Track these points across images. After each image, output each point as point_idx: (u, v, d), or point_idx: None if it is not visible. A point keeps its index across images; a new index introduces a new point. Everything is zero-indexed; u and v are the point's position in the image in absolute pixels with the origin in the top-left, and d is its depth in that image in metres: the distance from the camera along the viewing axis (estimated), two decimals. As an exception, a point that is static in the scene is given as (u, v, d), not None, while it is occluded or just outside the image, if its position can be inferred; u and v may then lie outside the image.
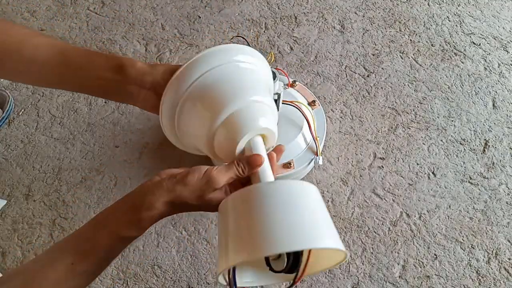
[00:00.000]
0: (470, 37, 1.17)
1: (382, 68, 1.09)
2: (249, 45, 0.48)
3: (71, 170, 0.93)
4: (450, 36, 1.17)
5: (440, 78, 1.07)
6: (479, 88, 1.06)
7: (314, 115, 0.88)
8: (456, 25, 1.20)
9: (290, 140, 0.81)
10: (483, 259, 0.81)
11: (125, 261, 0.81)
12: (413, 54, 1.12)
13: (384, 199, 0.88)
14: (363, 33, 1.17)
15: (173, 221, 0.86)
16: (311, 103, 0.92)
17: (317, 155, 0.85)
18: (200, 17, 1.20)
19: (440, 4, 1.25)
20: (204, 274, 0.80)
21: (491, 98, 1.04)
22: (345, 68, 1.09)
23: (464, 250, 0.83)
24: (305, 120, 0.82)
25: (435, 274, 0.80)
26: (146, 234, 0.84)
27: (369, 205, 0.88)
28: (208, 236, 0.84)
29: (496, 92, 1.05)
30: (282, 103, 0.79)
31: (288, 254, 0.40)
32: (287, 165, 0.80)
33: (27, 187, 0.91)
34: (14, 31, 0.47)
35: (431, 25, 1.19)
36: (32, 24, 1.20)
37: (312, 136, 0.83)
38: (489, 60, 1.12)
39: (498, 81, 1.07)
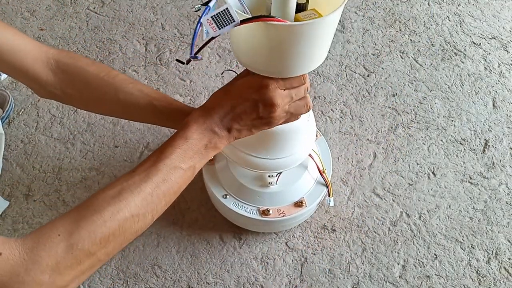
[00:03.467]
0: (470, 37, 1.17)
1: (382, 68, 1.09)
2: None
3: (71, 170, 0.93)
4: (450, 36, 1.17)
5: (440, 78, 1.07)
6: (479, 88, 1.06)
7: (317, 146, 0.84)
8: (456, 25, 1.20)
9: (297, 179, 0.77)
10: (483, 259, 0.82)
11: (125, 261, 0.81)
12: (413, 54, 1.12)
13: (384, 199, 0.88)
14: (363, 33, 1.16)
15: (173, 221, 0.86)
16: None
17: (329, 196, 0.79)
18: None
19: (440, 4, 1.25)
20: (204, 274, 0.80)
21: (491, 98, 1.04)
22: (345, 68, 1.09)
23: (464, 250, 0.83)
24: (310, 158, 0.78)
25: (435, 274, 0.80)
26: (146, 234, 0.84)
27: (369, 205, 0.88)
28: (208, 236, 0.84)
29: (496, 92, 1.05)
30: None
31: None
32: (299, 204, 0.76)
33: (27, 187, 0.91)
34: (110, 75, 0.61)
35: (431, 25, 1.19)
36: (32, 23, 1.20)
37: (320, 173, 0.79)
38: (489, 60, 1.12)
39: (498, 81, 1.07)
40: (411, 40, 1.15)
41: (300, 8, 0.50)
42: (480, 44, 1.15)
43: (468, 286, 0.79)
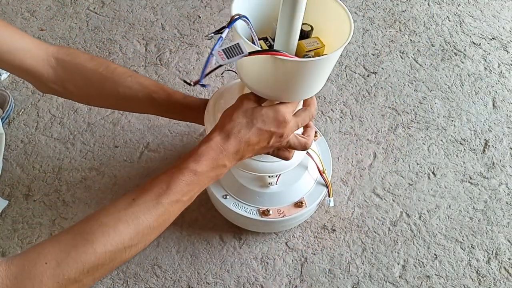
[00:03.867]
0: (470, 37, 1.17)
1: (382, 68, 1.09)
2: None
3: (71, 170, 0.93)
4: (450, 36, 1.17)
5: (440, 78, 1.07)
6: (479, 88, 1.06)
7: (317, 146, 0.84)
8: (456, 25, 1.20)
9: (297, 180, 0.77)
10: (483, 259, 0.81)
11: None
12: (413, 54, 1.12)
13: (384, 199, 0.88)
14: (363, 33, 1.16)
15: (173, 221, 0.85)
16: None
17: (329, 196, 0.80)
18: (200, 17, 1.20)
19: (440, 4, 1.25)
20: (204, 274, 0.80)
21: (491, 98, 1.04)
22: (345, 68, 1.09)
23: (464, 250, 0.83)
24: (310, 159, 0.78)
25: (435, 274, 0.80)
26: (146, 234, 0.84)
27: (369, 205, 0.88)
28: (208, 236, 0.84)
29: (496, 92, 1.05)
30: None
31: None
32: (299, 204, 0.76)
33: (27, 187, 0.91)
34: (109, 70, 0.62)
35: (431, 25, 1.19)
36: (32, 24, 1.20)
37: (320, 173, 0.79)
38: (489, 60, 1.12)
39: (498, 81, 1.07)
40: (411, 40, 1.15)
41: (304, 35, 0.52)
42: (480, 44, 1.15)
43: (468, 286, 0.78)
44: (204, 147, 0.50)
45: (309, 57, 0.51)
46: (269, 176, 0.74)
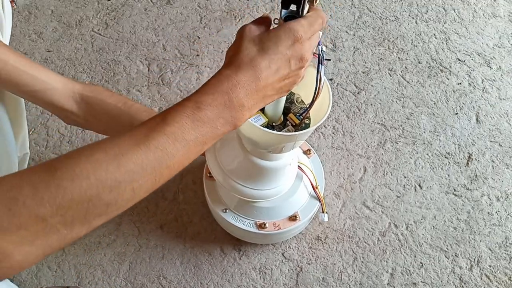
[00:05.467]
0: (456, 53, 1.24)
1: (372, 85, 1.15)
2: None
3: (80, 187, 0.99)
4: (437, 53, 1.23)
5: (427, 94, 1.14)
6: (463, 103, 1.13)
7: (311, 162, 0.90)
8: (442, 42, 1.26)
9: (292, 195, 0.83)
10: (466, 267, 0.88)
11: (133, 272, 0.87)
12: (401, 71, 1.19)
13: (374, 210, 0.95)
14: (354, 52, 1.23)
15: (177, 234, 0.92)
16: (307, 152, 0.93)
17: (323, 212, 0.85)
18: (199, 38, 1.27)
19: (427, 22, 1.32)
20: (207, 284, 0.86)
21: (474, 113, 1.11)
22: (336, 86, 1.16)
23: (448, 258, 0.89)
24: (303, 174, 0.84)
25: (421, 281, 0.86)
26: (152, 246, 0.90)
27: (360, 216, 0.94)
28: (210, 248, 0.90)
29: (480, 107, 1.12)
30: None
31: None
32: (293, 218, 0.82)
33: (39, 203, 0.97)
34: (127, 106, 0.69)
35: (419, 43, 1.26)
36: (39, 45, 1.27)
37: (313, 188, 0.85)
38: (473, 76, 1.18)
39: (482, 97, 1.14)
40: (399, 58, 1.22)
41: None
42: (464, 60, 1.22)
43: (451, 292, 0.85)
44: (211, 80, 0.42)
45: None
46: None
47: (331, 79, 1.16)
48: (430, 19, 1.32)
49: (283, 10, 0.46)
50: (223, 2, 1.36)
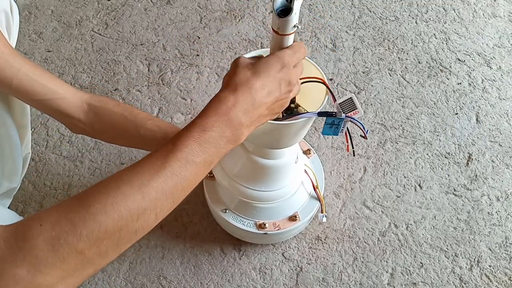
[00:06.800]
0: (456, 53, 1.24)
1: (372, 85, 1.15)
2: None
3: (80, 187, 0.99)
4: (437, 53, 1.23)
5: (427, 94, 1.14)
6: (463, 103, 1.13)
7: (311, 162, 0.90)
8: (442, 42, 1.26)
9: (292, 195, 0.82)
10: (466, 267, 0.88)
11: (133, 272, 0.87)
12: (401, 71, 1.19)
13: (374, 210, 0.95)
14: (354, 52, 1.23)
15: (177, 234, 0.92)
16: (307, 152, 0.93)
17: (322, 213, 0.85)
18: (199, 38, 1.27)
19: (427, 22, 1.32)
20: (207, 284, 0.86)
21: (474, 113, 1.11)
22: (337, 86, 1.16)
23: (448, 258, 0.89)
24: (304, 174, 0.84)
25: (421, 281, 0.86)
26: (152, 246, 0.90)
27: (360, 216, 0.94)
28: (209, 248, 0.90)
29: (480, 107, 1.12)
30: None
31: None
32: (293, 218, 0.82)
33: (39, 203, 0.97)
34: (133, 114, 0.70)
35: (419, 43, 1.26)
36: (40, 45, 1.27)
37: (314, 189, 0.85)
38: (473, 76, 1.18)
39: (482, 97, 1.14)
40: (399, 58, 1.22)
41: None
42: (464, 61, 1.22)
43: (451, 292, 0.85)
44: (211, 103, 0.47)
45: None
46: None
47: (331, 79, 1.16)
48: (430, 19, 1.32)
49: (275, 2, 0.49)
50: (223, 2, 1.36)
